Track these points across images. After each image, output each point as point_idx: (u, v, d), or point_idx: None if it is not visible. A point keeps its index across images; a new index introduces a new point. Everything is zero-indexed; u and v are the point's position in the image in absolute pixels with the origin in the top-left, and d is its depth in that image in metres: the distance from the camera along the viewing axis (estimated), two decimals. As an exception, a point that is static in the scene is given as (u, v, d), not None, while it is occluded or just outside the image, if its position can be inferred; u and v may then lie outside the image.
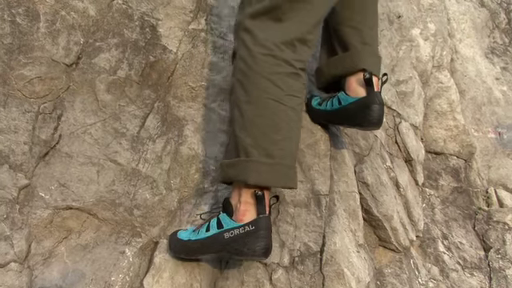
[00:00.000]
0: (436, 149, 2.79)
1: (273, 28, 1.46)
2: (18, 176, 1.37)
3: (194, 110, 1.73)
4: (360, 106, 1.71)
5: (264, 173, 1.42)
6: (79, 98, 1.55)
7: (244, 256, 1.42)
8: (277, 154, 1.43)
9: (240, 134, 1.44)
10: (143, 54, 1.71)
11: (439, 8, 3.06)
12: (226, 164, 1.48)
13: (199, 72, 1.79)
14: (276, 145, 1.44)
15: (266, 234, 1.39)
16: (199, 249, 1.46)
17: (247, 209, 1.41)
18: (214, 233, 1.43)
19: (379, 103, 1.69)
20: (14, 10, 1.52)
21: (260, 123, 1.43)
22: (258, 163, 1.41)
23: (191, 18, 1.88)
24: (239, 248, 1.39)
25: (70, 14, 1.62)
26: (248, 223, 1.39)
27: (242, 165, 1.43)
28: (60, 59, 1.55)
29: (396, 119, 2.43)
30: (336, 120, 1.86)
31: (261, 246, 1.38)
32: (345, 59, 1.78)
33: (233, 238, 1.39)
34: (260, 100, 1.44)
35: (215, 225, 1.44)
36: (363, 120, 1.71)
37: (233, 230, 1.40)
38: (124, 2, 1.74)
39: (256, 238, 1.38)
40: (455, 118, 2.84)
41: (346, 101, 1.76)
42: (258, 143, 1.43)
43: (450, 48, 3.08)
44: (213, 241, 1.43)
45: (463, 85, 3.10)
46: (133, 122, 1.59)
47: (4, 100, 1.42)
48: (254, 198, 1.40)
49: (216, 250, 1.44)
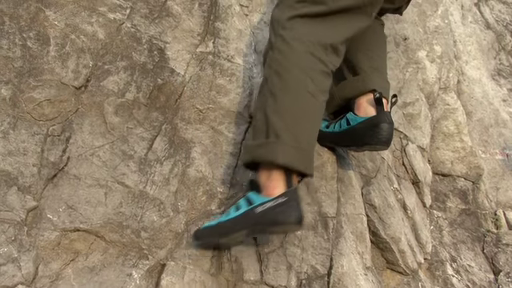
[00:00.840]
0: (443, 170, 2.78)
1: (312, 29, 1.59)
2: (26, 198, 1.38)
3: (201, 132, 1.74)
4: (369, 125, 1.74)
5: (292, 155, 1.50)
6: (88, 120, 1.56)
7: (278, 226, 1.47)
8: (304, 141, 1.53)
9: (273, 117, 1.52)
10: (151, 76, 1.72)
11: (445, 30, 3.08)
12: (254, 145, 1.56)
13: (207, 94, 1.81)
14: (305, 133, 1.54)
15: (298, 204, 1.47)
16: (232, 228, 1.49)
17: (276, 184, 1.48)
18: (245, 210, 1.49)
19: (389, 122, 1.72)
20: (25, 34, 1.54)
21: (294, 111, 1.53)
22: (287, 146, 1.50)
23: (199, 41, 1.90)
24: (273, 219, 1.45)
25: (80, 37, 1.64)
26: (279, 196, 1.46)
27: (271, 146, 1.50)
28: (69, 82, 1.57)
29: (403, 141, 2.43)
30: (344, 141, 1.87)
31: (294, 215, 1.45)
32: (356, 82, 1.84)
33: (265, 211, 1.45)
34: (298, 91, 1.54)
35: (245, 203, 1.51)
36: (372, 139, 1.74)
37: (265, 204, 1.46)
38: (133, 25, 1.76)
39: (288, 208, 1.45)
40: (462, 139, 2.83)
41: (355, 121, 1.79)
42: (290, 128, 1.51)
43: (456, 70, 3.09)
44: (245, 217, 1.48)
45: (470, 106, 3.10)
46: (140, 145, 1.60)
47: (14, 122, 1.44)
48: (283, 174, 1.49)
49: (250, 225, 1.48)
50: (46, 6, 1.61)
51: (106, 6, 1.73)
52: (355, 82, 1.84)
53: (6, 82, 1.47)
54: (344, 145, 1.92)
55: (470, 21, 3.54)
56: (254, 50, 2.03)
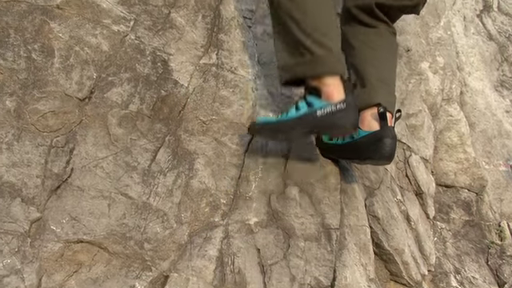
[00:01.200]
0: (447, 182, 2.78)
1: None
2: (29, 209, 1.38)
3: (204, 143, 1.74)
4: (372, 140, 1.75)
5: (330, 63, 1.61)
6: (91, 131, 1.56)
7: (337, 129, 1.62)
8: (331, 45, 1.63)
9: (300, 36, 1.62)
10: (155, 88, 1.73)
11: (448, 42, 3.09)
12: (293, 64, 1.67)
13: (210, 106, 1.81)
14: (327, 36, 1.63)
15: (355, 110, 1.61)
16: (292, 126, 1.63)
17: (334, 90, 1.58)
18: (306, 112, 1.61)
19: (392, 137, 1.73)
20: (30, 46, 1.55)
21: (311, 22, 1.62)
22: (322, 57, 1.61)
23: (202, 53, 1.91)
24: (333, 123, 1.58)
25: (84, 49, 1.65)
26: (340, 101, 1.57)
27: (310, 62, 1.62)
28: (73, 94, 1.58)
29: (406, 152, 2.43)
30: (347, 154, 1.88)
31: (352, 120, 1.60)
32: (362, 95, 1.83)
33: (326, 116, 1.57)
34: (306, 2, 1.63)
35: (304, 105, 1.62)
36: (375, 153, 1.75)
37: (325, 108, 1.57)
38: (136, 37, 1.77)
39: (347, 114, 1.57)
40: (466, 150, 2.83)
41: (358, 134, 1.79)
42: (316, 40, 1.60)
43: (459, 81, 3.10)
44: (306, 118, 1.60)
45: (473, 118, 3.10)
46: (144, 156, 1.60)
47: (18, 134, 1.44)
48: (339, 80, 1.60)
49: (309, 127, 1.61)
50: (51, 18, 1.62)
51: (110, 18, 1.74)
52: (361, 94, 1.83)
53: (11, 93, 1.47)
54: (346, 157, 1.94)
55: (473, 32, 3.56)
56: (257, 61, 2.04)
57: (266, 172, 1.80)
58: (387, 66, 1.95)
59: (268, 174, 1.80)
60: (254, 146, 1.83)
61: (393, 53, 2.00)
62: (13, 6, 1.57)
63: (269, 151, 1.85)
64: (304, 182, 1.85)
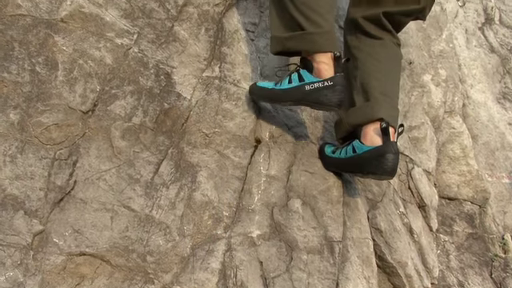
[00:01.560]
0: (449, 194, 2.77)
1: None
2: (32, 222, 1.38)
3: (207, 156, 1.74)
4: (375, 155, 1.74)
5: (320, 41, 1.71)
6: (94, 144, 1.57)
7: (321, 105, 1.73)
8: (325, 24, 1.74)
9: (294, 13, 1.73)
10: (158, 101, 1.74)
11: (450, 54, 3.10)
12: (284, 37, 1.79)
13: (213, 119, 1.82)
14: (322, 16, 1.74)
15: (342, 89, 1.69)
16: (284, 96, 1.78)
17: (324, 68, 1.70)
18: (296, 84, 1.74)
19: (394, 153, 1.72)
20: (34, 59, 1.56)
21: (308, 2, 1.73)
22: (313, 34, 1.72)
23: (205, 66, 1.91)
24: (318, 98, 1.70)
25: (88, 62, 1.66)
26: (327, 79, 1.68)
27: (300, 37, 1.74)
28: (76, 106, 1.58)
29: (409, 165, 2.43)
30: (349, 168, 1.89)
31: (337, 97, 1.69)
32: (365, 109, 1.85)
33: (313, 90, 1.70)
34: None
35: (297, 78, 1.75)
36: (377, 168, 1.74)
37: (313, 84, 1.70)
38: (140, 50, 1.78)
39: (333, 92, 1.67)
40: (468, 163, 2.83)
41: (360, 149, 1.79)
42: (310, 18, 1.72)
43: (461, 93, 3.10)
44: (295, 90, 1.74)
45: (476, 130, 3.10)
46: (147, 169, 1.61)
47: (21, 147, 1.45)
48: (332, 59, 1.71)
49: (297, 99, 1.75)
50: (55, 31, 1.64)
51: (113, 31, 1.75)
52: (364, 108, 1.85)
53: (15, 106, 1.48)
54: (349, 171, 1.94)
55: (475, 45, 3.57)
56: (260, 74, 2.05)
57: (268, 185, 1.80)
58: (390, 78, 1.94)
59: (271, 186, 1.81)
60: (256, 159, 1.83)
61: (397, 65, 2.00)
62: (18, 19, 1.58)
63: (271, 164, 1.85)
64: (307, 195, 1.85)
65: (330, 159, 1.94)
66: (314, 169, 1.93)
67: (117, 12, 1.79)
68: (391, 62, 1.97)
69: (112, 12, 1.77)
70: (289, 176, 1.87)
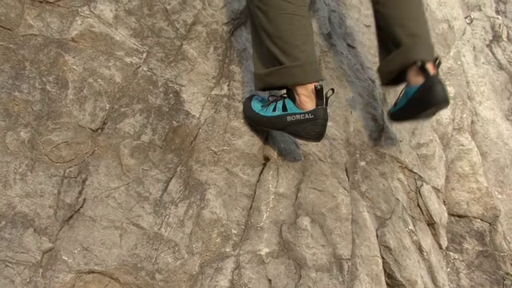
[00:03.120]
0: (459, 212, 2.75)
1: None
2: (42, 239, 1.39)
3: (215, 174, 1.75)
4: (423, 92, 1.91)
5: (297, 74, 1.72)
6: (104, 162, 1.58)
7: (300, 137, 1.78)
8: (304, 57, 1.74)
9: (271, 47, 1.74)
10: (167, 119, 1.75)
11: (458, 71, 3.10)
12: (264, 74, 1.80)
13: (221, 137, 1.83)
14: (303, 49, 1.74)
15: (323, 122, 1.71)
16: (266, 123, 1.84)
17: (307, 100, 1.72)
18: (279, 114, 1.78)
19: (439, 82, 1.88)
20: (45, 78, 1.58)
21: (282, 35, 1.73)
22: (290, 68, 1.72)
23: (214, 84, 1.93)
24: (298, 130, 1.74)
25: (97, 81, 1.67)
26: (308, 112, 1.71)
27: (277, 72, 1.75)
28: (86, 125, 1.60)
29: (417, 182, 2.42)
30: (411, 114, 2.05)
31: (316, 131, 1.72)
32: (397, 56, 2.01)
33: (294, 122, 1.73)
34: (280, 17, 1.73)
35: (281, 107, 1.79)
36: (430, 102, 1.90)
37: (295, 115, 1.73)
38: (149, 69, 1.80)
39: (314, 125, 1.71)
40: (478, 180, 2.82)
41: (410, 92, 1.98)
42: (286, 52, 1.73)
43: (469, 110, 3.10)
44: (277, 120, 1.78)
45: (485, 147, 3.09)
46: (156, 186, 1.61)
47: (32, 164, 1.46)
48: (313, 92, 1.70)
49: (279, 128, 1.80)
50: (66, 51, 1.66)
51: (123, 50, 1.77)
52: (397, 56, 2.01)
53: (26, 124, 1.50)
54: (413, 116, 2.07)
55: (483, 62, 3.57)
56: (268, 92, 2.05)
57: (277, 202, 1.80)
58: (414, 16, 2.04)
59: (279, 204, 1.80)
60: (265, 177, 1.84)
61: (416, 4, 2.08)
62: (29, 39, 1.60)
63: (280, 181, 1.85)
64: (315, 213, 1.85)
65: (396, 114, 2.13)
66: (323, 186, 1.93)
67: (126, 31, 1.81)
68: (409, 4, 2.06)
69: (122, 31, 1.79)
70: (297, 194, 1.87)
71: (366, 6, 2.82)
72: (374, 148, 2.29)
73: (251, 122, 1.91)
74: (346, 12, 2.77)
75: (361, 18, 2.81)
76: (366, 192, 2.09)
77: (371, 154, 2.25)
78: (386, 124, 2.40)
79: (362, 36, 2.72)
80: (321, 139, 1.76)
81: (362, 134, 2.29)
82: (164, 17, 1.92)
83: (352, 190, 2.01)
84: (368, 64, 2.61)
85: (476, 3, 3.98)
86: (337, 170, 2.04)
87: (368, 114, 2.38)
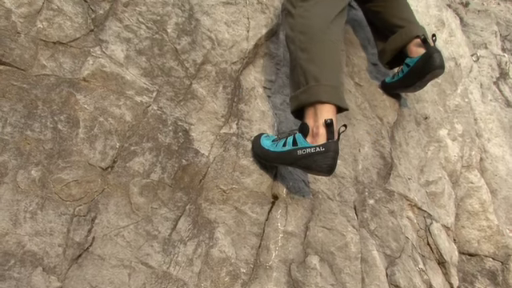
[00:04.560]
0: (470, 250, 2.73)
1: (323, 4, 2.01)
2: (50, 279, 1.38)
3: (224, 212, 1.75)
4: (424, 59, 2.35)
5: (331, 93, 1.80)
6: (113, 200, 1.58)
7: (311, 171, 1.78)
8: (336, 80, 1.85)
9: (308, 66, 1.85)
10: (176, 157, 1.76)
11: (465, 109, 3.11)
12: (298, 93, 1.87)
13: (230, 175, 1.83)
14: (335, 73, 1.87)
15: (334, 155, 1.72)
16: (275, 159, 1.84)
17: (320, 133, 1.75)
18: (289, 148, 1.80)
19: (438, 51, 2.32)
20: (57, 117, 1.60)
21: (324, 57, 1.87)
22: (326, 86, 1.80)
23: (223, 123, 1.94)
24: (309, 164, 1.74)
25: (108, 120, 1.69)
26: (319, 145, 1.73)
27: (313, 88, 1.81)
28: (96, 163, 1.61)
29: (427, 220, 2.40)
30: (410, 80, 2.49)
31: (327, 164, 1.72)
32: (400, 35, 2.48)
33: (304, 155, 1.74)
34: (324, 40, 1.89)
35: (291, 142, 1.80)
36: (430, 67, 2.33)
37: (305, 149, 1.74)
38: (159, 108, 1.82)
39: (324, 158, 1.71)
40: (488, 218, 2.79)
41: (412, 62, 2.42)
42: (324, 71, 1.84)
43: (478, 148, 3.09)
44: (288, 155, 1.79)
45: (494, 184, 3.07)
46: (165, 225, 1.61)
47: (42, 203, 1.47)
48: (324, 126, 1.74)
49: (289, 163, 1.81)
50: (77, 90, 1.68)
51: (133, 89, 1.79)
52: (399, 35, 2.48)
53: (37, 163, 1.51)
54: (411, 83, 2.50)
55: (490, 99, 3.58)
56: (276, 130, 2.07)
57: (286, 241, 1.80)
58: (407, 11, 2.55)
59: (288, 242, 1.80)
60: (274, 215, 1.83)
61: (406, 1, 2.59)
62: (42, 79, 1.63)
63: (289, 220, 1.85)
64: (324, 251, 1.83)
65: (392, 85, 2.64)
66: (332, 225, 1.93)
67: (137, 71, 1.83)
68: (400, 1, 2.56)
69: (132, 71, 1.82)
70: (306, 232, 1.86)
71: (372, 45, 2.85)
72: (383, 186, 2.29)
73: (260, 159, 1.92)
74: (353, 50, 2.80)
75: (368, 57, 2.84)
76: (375, 230, 2.08)
77: (380, 192, 2.24)
78: (394, 162, 2.40)
79: (369, 74, 2.74)
80: (332, 173, 1.76)
81: (371, 171, 2.29)
82: (174, 56, 1.95)
83: (361, 228, 2.00)
84: (375, 102, 2.63)
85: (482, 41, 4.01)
86: (345, 208, 2.04)
87: (376, 151, 2.39)
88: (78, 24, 1.78)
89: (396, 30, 2.51)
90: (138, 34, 1.90)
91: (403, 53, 2.52)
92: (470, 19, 4.18)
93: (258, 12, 2.36)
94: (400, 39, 2.48)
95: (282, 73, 2.30)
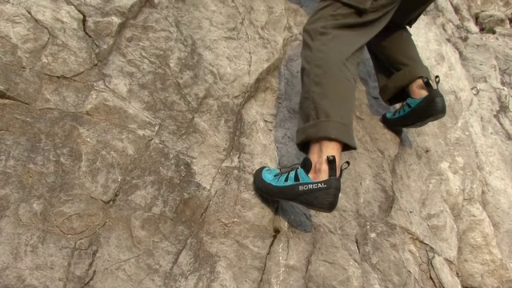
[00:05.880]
0: (473, 284, 2.71)
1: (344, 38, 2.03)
2: (50, 313, 1.37)
3: (226, 246, 1.74)
4: (426, 102, 2.37)
5: (341, 130, 1.81)
6: (114, 234, 1.58)
7: (312, 207, 1.77)
8: (348, 118, 1.88)
9: (321, 101, 1.86)
10: (178, 191, 1.76)
11: (466, 142, 3.12)
12: (307, 126, 1.88)
13: (232, 209, 1.83)
14: (348, 111, 1.90)
15: (335, 192, 1.72)
16: (277, 193, 1.84)
17: (322, 169, 1.75)
18: (291, 184, 1.79)
19: (440, 96, 2.34)
20: (59, 150, 1.61)
21: (338, 93, 1.89)
22: (336, 122, 1.82)
23: (224, 156, 1.95)
24: (310, 200, 1.74)
25: (110, 153, 1.70)
26: (321, 181, 1.72)
27: (323, 124, 1.82)
28: (98, 196, 1.61)
29: (429, 254, 2.39)
30: (411, 120, 2.50)
31: (328, 201, 1.72)
32: (404, 73, 2.49)
33: (306, 191, 1.74)
34: (339, 77, 1.91)
35: (293, 177, 1.80)
36: (431, 111, 2.35)
37: (307, 185, 1.74)
38: (161, 141, 1.83)
39: (326, 195, 1.71)
40: (491, 251, 2.78)
41: (414, 103, 2.44)
42: (336, 108, 1.85)
43: (479, 181, 3.09)
44: (289, 190, 1.79)
45: (497, 217, 3.07)
46: (166, 259, 1.61)
47: (43, 236, 1.47)
48: (327, 162, 1.75)
49: (290, 198, 1.80)
50: (80, 124, 1.70)
51: (136, 123, 1.81)
52: (403, 73, 2.48)
53: (39, 196, 1.51)
54: (412, 123, 2.53)
55: (491, 132, 3.59)
56: (278, 164, 2.08)
57: (287, 275, 1.79)
58: (412, 49, 2.57)
59: (290, 277, 1.79)
60: (275, 249, 1.83)
61: (411, 40, 2.61)
62: (46, 113, 1.65)
63: (290, 254, 1.84)
64: (326, 285, 1.82)
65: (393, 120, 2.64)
66: (333, 259, 1.92)
67: (140, 104, 1.85)
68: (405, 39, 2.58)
69: (135, 104, 1.84)
70: (308, 266, 1.85)
71: (373, 78, 2.88)
72: (385, 219, 2.28)
73: (262, 193, 1.91)
74: (354, 84, 2.83)
75: (369, 90, 2.87)
76: (377, 264, 2.07)
77: (381, 226, 2.24)
78: (395, 195, 2.40)
79: (370, 108, 2.76)
80: (333, 209, 1.76)
81: (372, 205, 2.29)
82: (176, 90, 1.97)
83: (363, 262, 1.99)
84: (376, 135, 2.64)
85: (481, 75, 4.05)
86: (347, 241, 2.03)
87: (378, 185, 2.39)
88: (82, 59, 1.80)
89: (400, 67, 2.51)
90: (140, 69, 1.93)
91: (405, 91, 2.53)
92: (469, 53, 4.24)
93: (259, 47, 2.40)
94: (403, 78, 2.49)
95: (284, 106, 2.32)
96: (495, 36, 4.73)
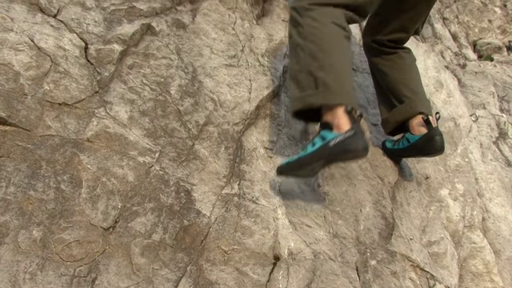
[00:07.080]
0: (475, 312, 2.68)
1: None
2: None
3: (226, 273, 1.73)
4: (425, 140, 2.36)
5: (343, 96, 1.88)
6: (114, 261, 1.58)
7: (348, 155, 1.85)
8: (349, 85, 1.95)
9: (319, 73, 1.90)
10: (178, 217, 1.76)
11: (466, 169, 3.12)
12: (305, 95, 1.93)
13: (232, 236, 1.83)
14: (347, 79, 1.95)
15: (363, 135, 1.84)
16: (311, 159, 1.88)
17: (341, 122, 1.84)
18: (320, 144, 1.87)
19: (439, 135, 2.33)
20: (60, 177, 1.62)
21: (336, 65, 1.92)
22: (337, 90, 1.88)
23: (225, 183, 1.95)
24: (345, 148, 1.82)
25: (110, 180, 1.71)
26: (347, 130, 1.82)
27: (323, 93, 1.89)
28: (98, 223, 1.61)
29: (430, 281, 2.38)
30: (410, 154, 2.53)
31: (361, 144, 1.83)
32: (405, 108, 2.48)
33: (337, 144, 1.82)
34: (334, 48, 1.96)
35: (319, 140, 1.89)
36: (430, 150, 2.36)
37: (336, 138, 1.82)
38: (161, 168, 1.84)
39: (357, 140, 1.81)
40: (493, 279, 2.76)
41: (413, 139, 2.44)
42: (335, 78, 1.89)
43: (480, 207, 3.08)
44: (322, 150, 1.86)
45: (498, 244, 3.05)
46: (166, 286, 1.60)
47: (42, 263, 1.46)
48: (345, 113, 1.85)
49: (326, 156, 1.86)
50: (81, 150, 1.70)
51: (136, 150, 1.82)
52: (404, 108, 2.47)
53: (38, 223, 1.51)
54: (411, 156, 2.58)
55: (491, 158, 3.60)
56: (278, 191, 2.08)
57: (287, 303, 1.78)
58: (415, 79, 2.56)
59: (290, 305, 1.78)
60: (275, 276, 1.82)
61: (415, 67, 2.61)
62: (47, 139, 1.66)
63: (290, 281, 1.83)
64: (327, 314, 1.81)
65: (392, 151, 2.62)
66: (333, 286, 1.91)
67: (140, 131, 1.86)
68: (410, 67, 2.59)
69: (136, 131, 1.85)
70: (308, 294, 1.84)
71: (372, 105, 2.89)
72: (385, 246, 2.27)
73: (295, 173, 1.96)
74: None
75: (368, 117, 2.88)
76: (378, 291, 2.05)
77: (382, 253, 2.23)
78: (396, 222, 2.39)
79: (369, 135, 2.77)
80: (367, 152, 1.86)
81: (373, 232, 2.28)
82: (177, 117, 1.98)
83: None
84: (376, 162, 2.65)
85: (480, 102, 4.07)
86: (347, 269, 2.02)
87: (378, 212, 2.39)
88: (83, 86, 1.82)
89: (401, 99, 2.51)
90: (141, 96, 1.94)
91: (405, 125, 2.53)
92: (468, 80, 4.27)
93: (259, 74, 2.42)
94: (404, 113, 2.49)
95: (284, 134, 2.33)
96: (493, 63, 4.76)
